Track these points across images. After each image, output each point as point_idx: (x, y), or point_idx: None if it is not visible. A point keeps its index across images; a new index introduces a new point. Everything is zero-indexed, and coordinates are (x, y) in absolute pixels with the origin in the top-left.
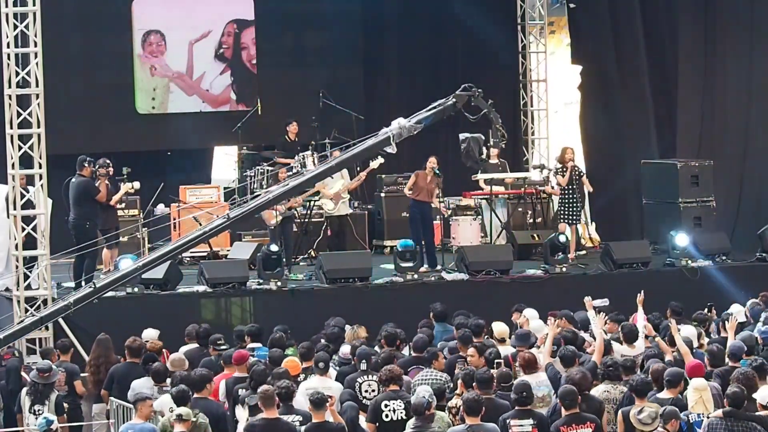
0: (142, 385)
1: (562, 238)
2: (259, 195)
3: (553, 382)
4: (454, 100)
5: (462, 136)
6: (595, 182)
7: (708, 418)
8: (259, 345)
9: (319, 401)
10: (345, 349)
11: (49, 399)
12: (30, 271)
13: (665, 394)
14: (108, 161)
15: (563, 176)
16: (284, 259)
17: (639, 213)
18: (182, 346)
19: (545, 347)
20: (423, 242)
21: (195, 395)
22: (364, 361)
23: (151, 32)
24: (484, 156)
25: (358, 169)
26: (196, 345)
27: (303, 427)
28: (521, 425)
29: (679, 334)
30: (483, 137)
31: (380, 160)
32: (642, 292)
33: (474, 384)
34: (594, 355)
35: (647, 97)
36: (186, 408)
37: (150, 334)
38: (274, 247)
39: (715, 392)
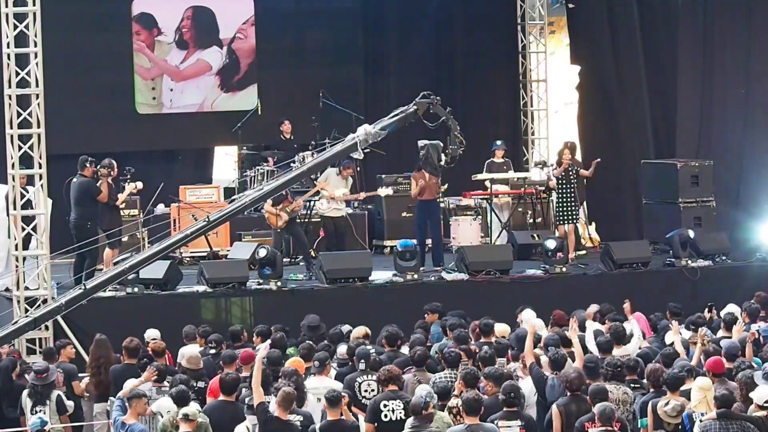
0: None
1: (549, 244)
2: (236, 199)
3: (537, 383)
4: (415, 107)
5: (421, 143)
6: (594, 182)
7: (701, 421)
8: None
9: (334, 399)
10: (342, 349)
11: (50, 399)
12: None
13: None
14: (113, 162)
15: (557, 169)
16: (303, 257)
17: (639, 213)
18: (182, 347)
19: (526, 347)
20: (430, 240)
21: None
22: (362, 360)
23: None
24: (442, 162)
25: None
26: (196, 345)
27: (317, 426)
28: (509, 426)
29: (680, 336)
30: (442, 144)
31: (388, 190)
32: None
33: (483, 377)
34: (576, 361)
35: (646, 97)
36: (191, 408)
37: (153, 334)
38: (262, 252)
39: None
